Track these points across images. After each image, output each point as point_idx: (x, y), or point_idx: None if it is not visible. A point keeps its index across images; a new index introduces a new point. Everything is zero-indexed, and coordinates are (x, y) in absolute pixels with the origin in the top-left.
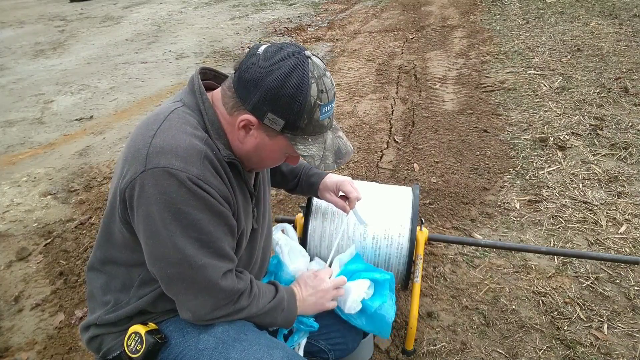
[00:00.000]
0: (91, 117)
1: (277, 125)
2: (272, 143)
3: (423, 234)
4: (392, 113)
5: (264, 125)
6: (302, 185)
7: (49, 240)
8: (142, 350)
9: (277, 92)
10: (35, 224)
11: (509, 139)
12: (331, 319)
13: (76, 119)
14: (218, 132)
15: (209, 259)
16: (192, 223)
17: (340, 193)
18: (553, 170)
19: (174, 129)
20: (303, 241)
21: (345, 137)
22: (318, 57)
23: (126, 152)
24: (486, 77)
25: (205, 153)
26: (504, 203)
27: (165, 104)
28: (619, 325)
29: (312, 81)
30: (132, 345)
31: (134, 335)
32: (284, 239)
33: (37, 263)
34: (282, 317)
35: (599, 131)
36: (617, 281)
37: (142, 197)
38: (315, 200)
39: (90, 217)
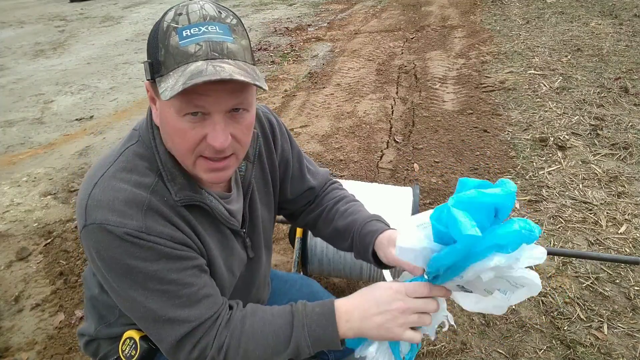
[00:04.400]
0: (91, 117)
1: (148, 73)
2: (162, 104)
3: None
4: (392, 113)
5: (152, 85)
6: (358, 248)
7: (49, 240)
8: (136, 356)
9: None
10: (35, 224)
11: (509, 139)
12: None
13: (76, 119)
14: (172, 171)
15: (178, 311)
16: (149, 276)
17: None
18: (553, 170)
19: (117, 178)
20: (303, 245)
21: (247, 69)
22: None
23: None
24: (486, 77)
25: (148, 203)
26: None
27: (123, 140)
28: (619, 325)
29: (171, 9)
30: (127, 350)
31: (128, 340)
32: None
33: (37, 263)
34: (299, 338)
35: (599, 131)
36: (617, 281)
37: (88, 253)
38: None
39: None
